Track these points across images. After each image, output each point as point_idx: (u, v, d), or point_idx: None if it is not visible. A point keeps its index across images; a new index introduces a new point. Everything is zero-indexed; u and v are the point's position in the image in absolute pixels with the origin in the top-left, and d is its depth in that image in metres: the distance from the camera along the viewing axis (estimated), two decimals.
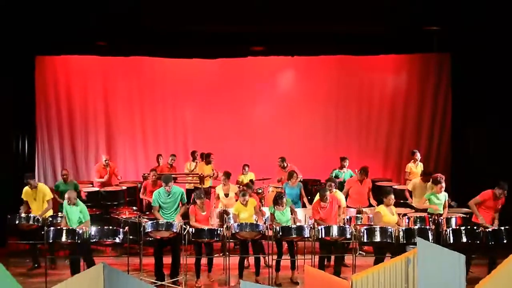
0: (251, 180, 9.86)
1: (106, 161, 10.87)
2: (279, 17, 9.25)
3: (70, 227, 7.31)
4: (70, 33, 9.89)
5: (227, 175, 9.14)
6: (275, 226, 7.50)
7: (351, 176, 9.87)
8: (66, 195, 7.54)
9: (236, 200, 8.43)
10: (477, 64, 10.24)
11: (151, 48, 10.94)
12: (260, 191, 9.96)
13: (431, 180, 8.49)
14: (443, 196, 8.13)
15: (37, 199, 8.38)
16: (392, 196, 7.53)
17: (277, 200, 7.62)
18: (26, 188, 8.40)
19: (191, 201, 7.83)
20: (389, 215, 7.43)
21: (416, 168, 10.78)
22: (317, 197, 7.99)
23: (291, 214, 7.88)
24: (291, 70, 12.45)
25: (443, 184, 8.08)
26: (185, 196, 7.78)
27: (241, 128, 12.32)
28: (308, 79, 12.41)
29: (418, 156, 10.82)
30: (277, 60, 11.81)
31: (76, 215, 7.44)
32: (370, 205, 8.93)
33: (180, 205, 7.66)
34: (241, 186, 9.52)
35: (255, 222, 7.44)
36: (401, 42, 10.74)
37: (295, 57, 11.59)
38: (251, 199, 7.78)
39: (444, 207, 8.13)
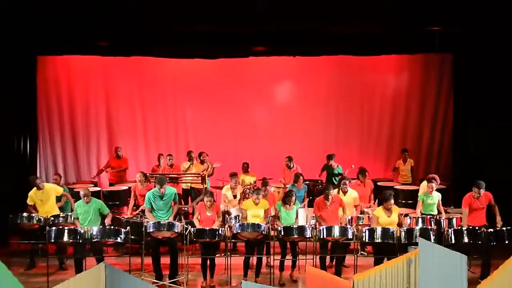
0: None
1: (118, 152, 11.08)
2: (280, 17, 9.25)
3: (72, 228, 7.32)
4: (71, 33, 9.89)
5: (234, 176, 9.10)
6: (276, 225, 7.48)
7: (339, 172, 10.34)
8: (81, 193, 7.56)
9: (243, 199, 8.43)
10: (479, 65, 10.24)
11: (152, 48, 10.94)
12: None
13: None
14: (436, 196, 8.19)
15: (44, 201, 8.21)
16: (391, 199, 7.49)
17: (287, 198, 7.56)
18: (33, 191, 8.21)
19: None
20: (384, 217, 7.41)
21: (404, 165, 11.12)
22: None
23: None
24: (292, 70, 12.43)
25: (433, 185, 8.12)
26: (177, 196, 7.76)
27: (242, 128, 12.32)
28: (310, 79, 12.39)
29: (406, 155, 11.26)
30: (279, 60, 11.80)
31: (92, 212, 7.47)
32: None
33: (173, 204, 7.63)
34: (242, 186, 9.50)
35: (257, 222, 7.37)
36: (403, 43, 10.73)
37: (297, 57, 11.57)
38: (264, 201, 7.67)
39: (438, 207, 8.18)
